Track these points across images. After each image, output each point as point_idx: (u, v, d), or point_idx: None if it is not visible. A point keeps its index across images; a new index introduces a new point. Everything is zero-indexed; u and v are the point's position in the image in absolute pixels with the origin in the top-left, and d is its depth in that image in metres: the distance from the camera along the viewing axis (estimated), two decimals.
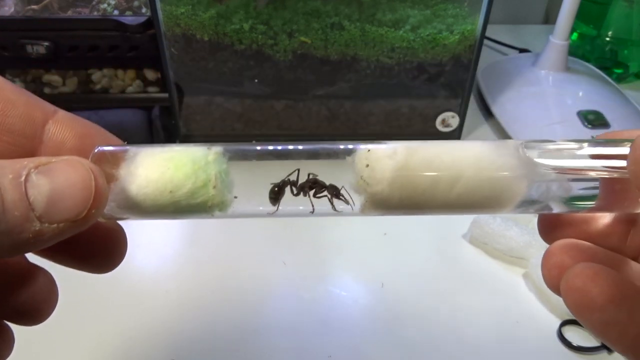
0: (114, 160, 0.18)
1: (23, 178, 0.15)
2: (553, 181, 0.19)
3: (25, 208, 0.15)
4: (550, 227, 0.21)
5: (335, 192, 0.19)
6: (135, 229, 0.24)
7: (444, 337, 0.36)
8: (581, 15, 0.67)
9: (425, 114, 0.55)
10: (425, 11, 0.48)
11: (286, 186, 0.19)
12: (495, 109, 0.59)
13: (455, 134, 0.57)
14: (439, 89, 0.53)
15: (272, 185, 0.19)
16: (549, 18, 0.88)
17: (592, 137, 0.20)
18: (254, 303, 0.38)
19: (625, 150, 0.17)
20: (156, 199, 0.18)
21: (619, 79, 0.69)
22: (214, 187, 0.18)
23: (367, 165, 0.19)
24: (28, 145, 0.18)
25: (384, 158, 0.19)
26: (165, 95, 0.52)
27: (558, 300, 0.37)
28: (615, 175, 0.18)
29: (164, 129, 0.50)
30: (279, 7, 0.47)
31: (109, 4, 0.54)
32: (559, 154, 0.19)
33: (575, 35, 0.72)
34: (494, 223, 0.42)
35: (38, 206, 0.15)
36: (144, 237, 0.43)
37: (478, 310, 0.38)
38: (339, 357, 0.35)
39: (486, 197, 0.19)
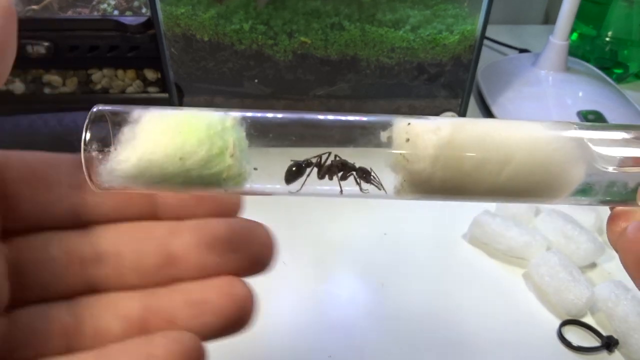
0: (115, 122, 0.16)
1: None
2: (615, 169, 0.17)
3: None
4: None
5: (364, 175, 0.17)
6: None
7: (444, 337, 0.36)
8: (581, 15, 0.67)
9: (425, 114, 0.55)
10: (425, 11, 0.48)
11: (309, 167, 0.17)
12: (495, 109, 0.59)
13: None
14: (439, 89, 0.53)
15: (291, 163, 0.16)
16: (549, 18, 0.88)
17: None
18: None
19: None
20: (163, 167, 0.15)
21: (619, 79, 0.69)
22: (232, 155, 0.16)
23: (408, 140, 0.16)
24: None
25: (426, 133, 0.16)
26: (165, 95, 0.52)
27: (558, 300, 0.37)
28: None
29: None
30: (279, 7, 0.47)
31: (109, 4, 0.54)
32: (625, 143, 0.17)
33: (575, 35, 0.72)
34: (494, 223, 0.42)
35: None
36: None
37: (478, 310, 0.38)
38: (339, 357, 0.35)
39: (539, 182, 0.17)
